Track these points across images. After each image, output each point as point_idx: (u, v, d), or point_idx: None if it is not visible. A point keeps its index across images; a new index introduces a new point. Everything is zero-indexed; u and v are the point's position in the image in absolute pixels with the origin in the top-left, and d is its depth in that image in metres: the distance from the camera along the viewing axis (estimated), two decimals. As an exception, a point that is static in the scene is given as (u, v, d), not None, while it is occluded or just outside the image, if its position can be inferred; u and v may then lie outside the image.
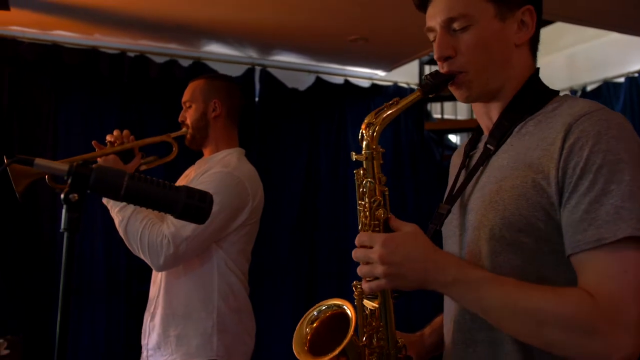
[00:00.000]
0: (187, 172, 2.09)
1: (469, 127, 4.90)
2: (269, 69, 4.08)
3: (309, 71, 4.25)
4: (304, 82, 4.23)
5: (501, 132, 1.02)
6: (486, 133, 1.09)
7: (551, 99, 1.01)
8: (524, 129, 0.99)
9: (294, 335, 1.11)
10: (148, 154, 1.96)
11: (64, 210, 0.87)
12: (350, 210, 4.26)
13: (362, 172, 1.02)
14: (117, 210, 1.80)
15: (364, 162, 1.01)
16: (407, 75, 4.61)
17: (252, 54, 4.04)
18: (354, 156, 1.02)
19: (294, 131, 4.18)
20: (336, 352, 1.02)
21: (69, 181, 0.87)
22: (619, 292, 0.82)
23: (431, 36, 1.05)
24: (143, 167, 1.91)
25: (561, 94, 1.04)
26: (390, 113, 1.00)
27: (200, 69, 3.83)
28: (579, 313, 0.83)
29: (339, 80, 4.36)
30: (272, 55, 4.09)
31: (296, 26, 3.50)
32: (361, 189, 1.02)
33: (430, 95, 1.03)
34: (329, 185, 4.22)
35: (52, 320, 3.28)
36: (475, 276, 0.90)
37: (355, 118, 4.32)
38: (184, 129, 1.98)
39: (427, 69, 4.72)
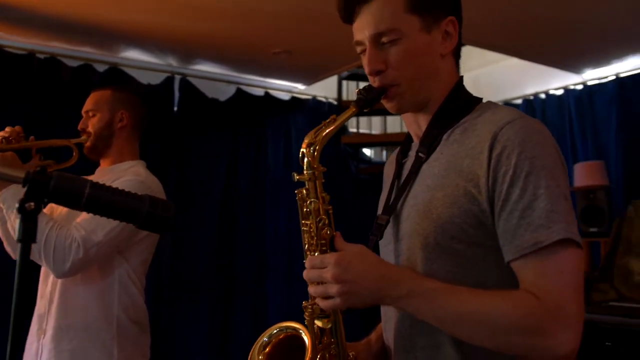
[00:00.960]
0: None
1: (383, 142, 5.12)
2: (189, 78, 4.00)
3: (229, 82, 4.22)
4: (224, 93, 4.19)
5: (431, 140, 1.06)
6: (416, 141, 1.12)
7: (475, 106, 1.07)
8: (451, 137, 1.03)
9: None
10: (46, 157, 1.90)
11: (18, 220, 0.82)
12: (269, 223, 4.26)
13: (304, 192, 1.02)
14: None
15: (307, 182, 1.01)
16: (325, 89, 4.72)
17: (172, 62, 3.95)
18: (295, 177, 1.01)
19: (214, 142, 4.12)
20: None
21: (25, 189, 0.83)
22: (559, 292, 0.87)
23: (359, 49, 1.06)
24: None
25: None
26: (330, 130, 1.01)
27: (117, 75, 3.67)
28: (529, 316, 0.87)
29: (260, 92, 4.37)
30: (192, 64, 4.02)
31: (219, 35, 3.48)
32: (305, 209, 1.01)
33: (365, 110, 1.06)
34: (249, 197, 4.20)
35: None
36: (428, 287, 0.92)
37: (275, 130, 4.34)
38: (84, 137, 1.95)
39: (345, 85, 4.87)
